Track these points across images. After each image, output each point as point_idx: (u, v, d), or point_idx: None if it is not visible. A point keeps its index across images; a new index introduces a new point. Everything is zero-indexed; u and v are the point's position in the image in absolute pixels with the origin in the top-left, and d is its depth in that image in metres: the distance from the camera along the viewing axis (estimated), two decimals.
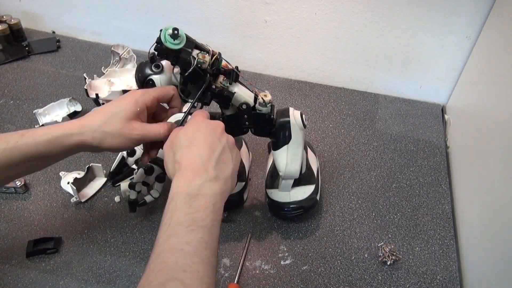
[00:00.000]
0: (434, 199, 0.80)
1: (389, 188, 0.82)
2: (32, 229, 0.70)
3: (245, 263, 0.68)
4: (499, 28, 0.81)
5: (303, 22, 0.97)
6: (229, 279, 0.66)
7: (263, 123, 0.65)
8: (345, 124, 0.96)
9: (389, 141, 0.92)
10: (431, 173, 0.85)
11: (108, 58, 1.01)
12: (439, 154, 0.90)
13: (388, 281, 0.67)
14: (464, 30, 0.90)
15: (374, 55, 1.00)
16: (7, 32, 1.05)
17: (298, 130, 0.65)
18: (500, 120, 0.70)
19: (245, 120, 0.65)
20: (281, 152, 0.67)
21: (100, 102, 0.83)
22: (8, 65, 1.03)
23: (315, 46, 1.01)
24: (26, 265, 0.65)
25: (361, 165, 0.86)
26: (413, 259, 0.70)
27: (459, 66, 0.97)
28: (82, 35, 1.14)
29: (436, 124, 0.97)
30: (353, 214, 0.77)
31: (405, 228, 0.75)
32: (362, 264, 0.69)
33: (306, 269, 0.68)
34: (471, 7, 0.86)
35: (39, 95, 0.95)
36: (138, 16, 1.06)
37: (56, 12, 1.12)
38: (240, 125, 0.66)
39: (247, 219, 0.75)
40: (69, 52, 1.09)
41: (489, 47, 0.85)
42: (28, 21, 1.13)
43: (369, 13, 0.93)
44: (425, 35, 0.93)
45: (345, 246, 0.72)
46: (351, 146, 0.90)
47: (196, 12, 1.01)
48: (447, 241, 0.73)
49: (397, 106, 1.02)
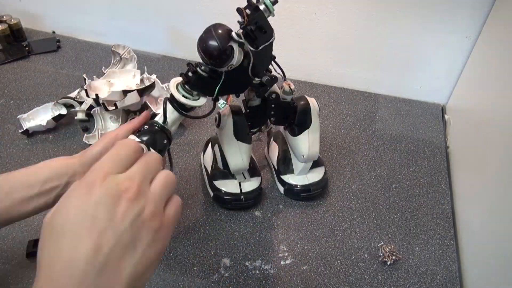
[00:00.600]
0: (434, 199, 0.80)
1: (389, 188, 0.82)
2: (32, 229, 0.70)
3: (245, 263, 0.68)
4: (499, 28, 0.81)
5: (303, 22, 0.97)
6: (229, 279, 0.66)
7: (287, 111, 0.68)
8: (345, 124, 0.96)
9: (389, 141, 0.92)
10: (431, 173, 0.85)
11: (108, 58, 1.01)
12: (439, 154, 0.90)
13: (388, 281, 0.67)
14: (464, 30, 0.90)
15: (374, 55, 1.00)
16: (7, 32, 1.05)
17: (316, 115, 0.70)
18: (500, 120, 0.70)
19: (271, 110, 0.66)
20: (302, 137, 0.71)
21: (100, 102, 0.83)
22: (8, 65, 1.03)
23: (315, 46, 1.01)
24: (26, 265, 0.65)
25: (361, 165, 0.86)
26: (413, 259, 0.70)
27: (459, 66, 0.97)
28: (82, 35, 1.14)
29: (436, 124, 0.97)
30: (353, 214, 0.77)
31: (405, 228, 0.75)
32: (362, 264, 0.69)
33: (306, 269, 0.68)
34: (471, 7, 0.86)
35: (39, 95, 0.95)
36: (138, 16, 1.06)
37: (56, 12, 1.12)
38: (264, 115, 0.67)
39: (247, 219, 0.75)
40: (69, 52, 1.09)
41: (489, 47, 0.85)
42: (28, 21, 1.13)
43: (369, 13, 0.93)
44: (425, 35, 0.93)
45: (345, 246, 0.72)
46: (351, 146, 0.90)
47: (196, 12, 1.01)
48: (447, 241, 0.73)
49: (397, 106, 1.02)
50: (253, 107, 0.67)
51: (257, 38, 0.53)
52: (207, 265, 0.67)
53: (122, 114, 0.87)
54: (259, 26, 0.52)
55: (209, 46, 0.52)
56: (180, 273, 0.66)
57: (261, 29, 0.53)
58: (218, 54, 0.52)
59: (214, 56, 0.52)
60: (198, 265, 0.67)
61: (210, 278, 0.66)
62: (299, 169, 0.76)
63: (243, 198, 0.73)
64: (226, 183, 0.74)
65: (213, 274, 0.66)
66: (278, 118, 0.70)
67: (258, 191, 0.75)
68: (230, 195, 0.73)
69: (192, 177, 0.81)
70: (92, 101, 0.86)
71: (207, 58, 0.53)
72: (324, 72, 1.06)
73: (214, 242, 0.71)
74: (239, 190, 0.73)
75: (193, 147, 0.87)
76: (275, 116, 0.69)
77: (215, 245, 0.70)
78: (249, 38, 0.53)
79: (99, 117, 0.86)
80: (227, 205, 0.75)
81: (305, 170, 0.76)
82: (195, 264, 0.67)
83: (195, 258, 0.68)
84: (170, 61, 1.08)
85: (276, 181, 0.80)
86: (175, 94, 0.56)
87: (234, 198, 0.73)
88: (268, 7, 0.52)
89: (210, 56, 0.52)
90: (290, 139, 0.74)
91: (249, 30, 0.52)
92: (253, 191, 0.74)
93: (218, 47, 0.51)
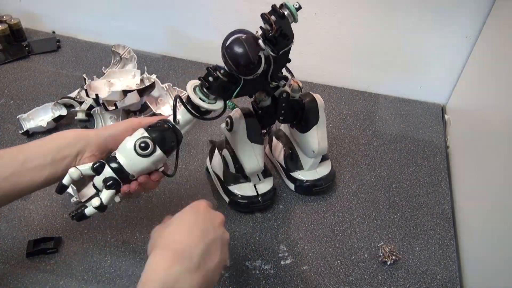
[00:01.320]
0: (434, 199, 0.80)
1: (389, 188, 0.82)
2: (32, 229, 0.70)
3: (245, 263, 0.68)
4: (499, 28, 0.81)
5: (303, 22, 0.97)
6: (229, 279, 0.66)
7: (297, 108, 0.69)
8: (345, 124, 0.96)
9: (389, 141, 0.92)
10: (431, 173, 0.85)
11: (108, 58, 1.01)
12: (439, 154, 0.90)
13: (388, 281, 0.67)
14: (464, 30, 0.90)
15: (374, 55, 1.00)
16: (7, 32, 1.05)
17: (322, 110, 0.72)
18: (500, 120, 0.70)
19: (282, 108, 0.67)
20: (312, 133, 0.72)
21: (100, 102, 0.83)
22: (8, 65, 1.03)
23: (315, 46, 1.01)
24: (26, 265, 0.65)
25: (361, 165, 0.86)
26: (413, 259, 0.70)
27: (459, 66, 0.97)
28: (82, 35, 1.14)
29: (436, 124, 0.97)
30: (353, 214, 0.77)
31: (405, 228, 0.75)
32: (362, 264, 0.69)
33: (306, 269, 0.68)
34: (471, 7, 0.86)
35: (39, 95, 0.95)
36: (138, 16, 1.06)
37: (56, 12, 1.12)
38: (275, 114, 0.68)
39: (247, 219, 0.75)
40: (69, 52, 1.09)
41: (489, 47, 0.85)
42: (28, 21, 1.12)
43: (369, 13, 0.93)
44: (425, 35, 0.93)
45: (345, 246, 0.72)
46: (351, 146, 0.90)
47: (196, 12, 1.01)
48: (447, 241, 0.73)
49: (397, 106, 1.02)
50: (264, 108, 0.67)
51: (278, 44, 0.54)
52: None
53: (122, 114, 0.87)
54: (283, 34, 0.53)
55: (239, 57, 0.51)
56: None
57: (285, 36, 0.53)
58: (248, 65, 0.52)
59: (244, 67, 0.52)
60: None
61: None
62: (309, 164, 0.77)
63: (261, 200, 0.73)
64: (241, 186, 0.73)
65: None
66: (288, 116, 0.70)
67: (273, 191, 0.75)
68: (247, 199, 0.73)
69: (192, 177, 0.81)
70: (92, 101, 0.86)
71: (235, 67, 0.53)
72: (324, 72, 1.06)
73: None
74: (255, 192, 0.73)
75: (193, 148, 0.87)
76: (285, 114, 0.69)
77: None
78: (270, 43, 0.53)
79: (99, 117, 0.86)
80: (244, 209, 0.74)
81: (315, 165, 0.77)
82: None
83: None
84: (170, 61, 1.08)
85: (285, 179, 0.81)
86: (193, 97, 0.56)
87: (252, 201, 0.73)
88: (293, 14, 0.52)
89: (239, 66, 0.52)
90: (299, 136, 0.74)
91: (273, 37, 0.52)
92: (268, 191, 0.74)
93: (250, 59, 0.51)
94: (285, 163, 0.79)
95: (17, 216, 0.72)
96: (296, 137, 0.76)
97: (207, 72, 0.56)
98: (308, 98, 0.71)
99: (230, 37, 0.53)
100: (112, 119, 0.87)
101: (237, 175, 0.73)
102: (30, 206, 0.73)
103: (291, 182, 0.79)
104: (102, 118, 0.86)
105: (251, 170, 0.70)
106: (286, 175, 0.80)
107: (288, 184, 0.80)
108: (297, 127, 0.74)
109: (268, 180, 0.76)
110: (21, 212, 0.72)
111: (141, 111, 0.90)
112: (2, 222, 0.71)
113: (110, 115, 0.86)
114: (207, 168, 0.81)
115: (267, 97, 0.65)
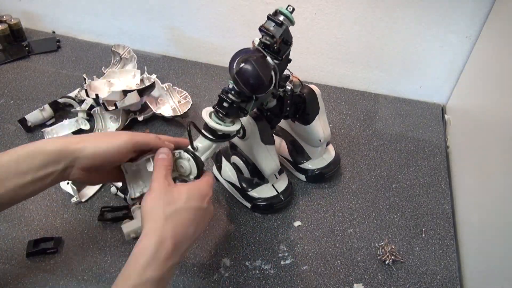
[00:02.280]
0: (434, 199, 0.80)
1: (389, 188, 0.82)
2: (32, 229, 0.70)
3: (245, 263, 0.68)
4: (499, 28, 0.81)
5: (303, 22, 0.97)
6: (229, 279, 0.66)
7: (299, 102, 0.69)
8: (345, 124, 0.96)
9: (389, 141, 0.92)
10: (431, 173, 0.85)
11: (108, 58, 1.00)
12: (439, 154, 0.90)
13: (388, 281, 0.67)
14: (464, 30, 0.90)
15: (374, 55, 1.00)
16: (7, 32, 1.05)
17: (321, 99, 0.73)
18: (500, 120, 0.70)
19: (287, 105, 0.67)
20: (315, 123, 0.73)
21: (100, 102, 0.83)
22: (8, 65, 1.03)
23: (315, 46, 1.01)
24: (26, 265, 0.65)
25: (361, 165, 0.86)
26: (413, 259, 0.70)
27: (459, 66, 0.97)
28: (82, 35, 1.14)
29: (436, 124, 0.97)
30: (353, 214, 0.77)
31: (405, 228, 0.75)
32: (362, 264, 0.69)
33: (306, 269, 0.68)
34: (471, 7, 0.86)
35: (39, 95, 0.95)
36: (138, 16, 1.06)
37: (56, 12, 1.12)
38: (281, 113, 0.68)
39: (247, 219, 0.75)
40: (69, 52, 1.09)
41: (489, 47, 0.85)
42: (28, 21, 1.13)
43: (369, 13, 0.93)
44: (425, 35, 0.93)
45: (345, 246, 0.72)
46: (351, 146, 0.90)
47: (196, 12, 1.01)
48: (447, 241, 0.73)
49: (397, 106, 1.02)
50: (270, 108, 0.68)
51: (281, 51, 0.54)
52: (207, 265, 0.67)
53: (122, 114, 0.87)
54: (285, 41, 0.53)
55: (253, 80, 0.51)
56: (180, 273, 0.66)
57: (287, 42, 0.54)
58: (263, 87, 0.53)
59: (259, 89, 0.53)
60: (198, 265, 0.67)
61: (210, 278, 0.66)
62: (316, 153, 0.79)
63: (282, 197, 0.74)
64: (261, 189, 0.74)
65: (213, 274, 0.66)
66: (292, 112, 0.71)
67: (291, 186, 0.77)
68: (269, 200, 0.73)
69: None
70: (92, 101, 0.86)
71: (250, 91, 0.53)
72: (324, 72, 1.06)
73: (214, 242, 0.71)
74: (275, 191, 0.74)
75: None
76: (290, 111, 0.70)
77: (215, 245, 0.70)
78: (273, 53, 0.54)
79: (99, 117, 0.86)
80: (269, 210, 0.75)
81: (321, 152, 0.80)
82: (195, 264, 0.67)
83: (195, 258, 0.68)
84: (170, 61, 1.08)
85: (294, 171, 0.82)
86: (211, 123, 0.56)
87: (274, 201, 0.73)
88: (289, 18, 0.52)
89: (254, 89, 0.53)
90: (302, 128, 0.74)
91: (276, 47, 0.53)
92: (287, 187, 0.75)
93: (264, 81, 0.52)
94: (291, 156, 0.80)
95: (17, 216, 0.72)
96: (299, 130, 0.76)
97: (220, 99, 0.56)
98: (305, 90, 0.71)
99: (236, 58, 0.52)
100: (112, 119, 0.87)
101: (252, 179, 0.74)
102: (30, 206, 0.73)
103: (301, 173, 0.81)
104: (102, 118, 0.86)
105: (271, 172, 0.70)
106: (295, 168, 0.81)
107: (298, 176, 0.82)
108: (299, 120, 0.74)
109: (283, 176, 0.77)
110: (21, 212, 0.72)
111: (141, 111, 0.90)
112: (2, 222, 0.71)
113: (110, 115, 0.86)
114: (216, 178, 0.80)
115: (273, 99, 0.66)
